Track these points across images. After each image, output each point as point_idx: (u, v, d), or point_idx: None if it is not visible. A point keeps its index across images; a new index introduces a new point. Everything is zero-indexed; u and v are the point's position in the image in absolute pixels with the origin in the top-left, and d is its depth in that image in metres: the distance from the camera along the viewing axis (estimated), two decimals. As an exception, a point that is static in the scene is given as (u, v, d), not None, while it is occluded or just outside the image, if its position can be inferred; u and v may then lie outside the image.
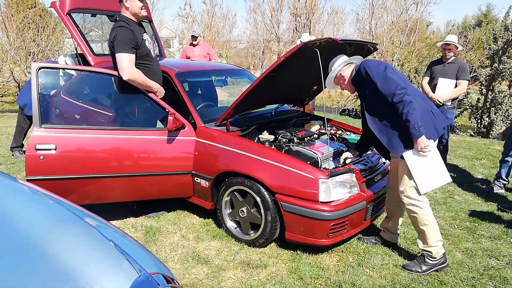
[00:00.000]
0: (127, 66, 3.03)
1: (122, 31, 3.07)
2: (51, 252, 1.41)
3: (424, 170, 2.59)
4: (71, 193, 3.04)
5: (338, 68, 2.78)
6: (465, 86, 4.60)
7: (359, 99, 2.88)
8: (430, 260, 2.71)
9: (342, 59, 2.80)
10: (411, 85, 2.63)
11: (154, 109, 3.33)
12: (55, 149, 2.93)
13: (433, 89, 4.67)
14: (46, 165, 2.92)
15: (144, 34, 3.28)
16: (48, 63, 4.66)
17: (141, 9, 3.19)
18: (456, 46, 4.56)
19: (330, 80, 2.86)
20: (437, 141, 2.69)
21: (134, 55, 3.09)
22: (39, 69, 2.94)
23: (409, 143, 2.57)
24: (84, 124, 3.33)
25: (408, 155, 2.59)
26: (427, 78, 4.85)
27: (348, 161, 3.05)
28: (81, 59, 4.24)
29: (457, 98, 4.73)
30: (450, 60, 4.62)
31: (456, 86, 4.56)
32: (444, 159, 4.89)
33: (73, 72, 3.70)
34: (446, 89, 4.56)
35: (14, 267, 1.30)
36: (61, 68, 3.45)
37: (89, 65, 3.99)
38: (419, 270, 2.71)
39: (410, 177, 2.62)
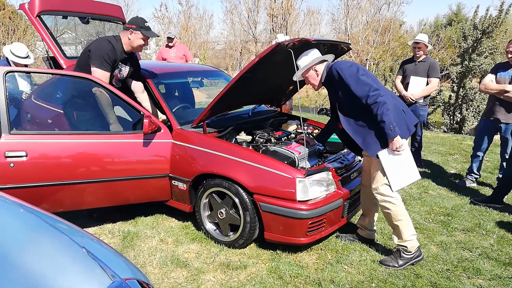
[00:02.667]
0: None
1: (104, 45, 3.12)
2: (21, 261, 1.37)
3: (397, 168, 2.66)
4: (44, 201, 2.95)
5: (312, 62, 2.78)
6: (436, 83, 4.73)
7: (329, 99, 2.91)
8: (406, 254, 2.77)
9: (316, 53, 2.81)
10: (382, 85, 2.69)
11: (129, 112, 3.28)
12: (26, 155, 2.84)
13: (406, 87, 4.79)
14: (17, 173, 2.82)
15: (124, 66, 3.30)
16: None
17: (138, 47, 3.23)
18: (425, 45, 4.68)
19: (301, 71, 2.84)
20: (409, 139, 2.76)
21: (108, 73, 3.13)
22: (6, 73, 2.84)
23: (384, 143, 2.62)
24: (56, 129, 3.24)
25: (383, 154, 2.64)
26: (400, 77, 4.96)
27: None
28: (53, 62, 4.14)
29: (429, 95, 4.86)
30: (421, 59, 4.75)
31: (427, 84, 4.68)
32: (418, 155, 5.02)
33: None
34: (417, 87, 4.68)
35: (-19, 279, 1.26)
36: (30, 72, 3.35)
37: (61, 68, 3.90)
38: (396, 265, 2.76)
39: (384, 174, 2.68)
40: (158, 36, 3.35)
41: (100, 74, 3.07)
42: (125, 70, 3.32)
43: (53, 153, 2.96)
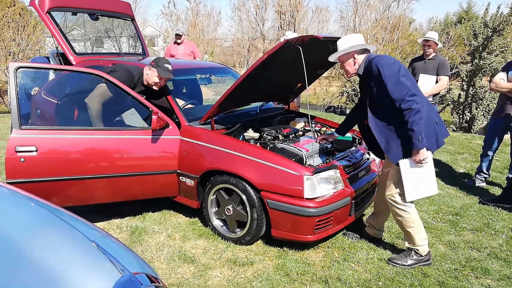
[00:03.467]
0: (96, 95, 3.10)
1: (125, 71, 3.25)
2: (31, 254, 1.39)
3: (416, 181, 2.56)
4: (53, 195, 2.99)
5: (354, 48, 2.59)
6: (446, 81, 4.67)
7: (360, 91, 2.73)
8: (416, 255, 2.75)
9: (361, 40, 2.62)
10: (420, 92, 2.55)
11: (138, 108, 3.30)
12: (36, 150, 2.87)
13: (415, 85, 4.74)
14: (27, 167, 2.86)
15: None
16: (32, 61, 4.59)
17: (153, 84, 3.29)
18: (435, 42, 4.63)
19: (339, 53, 2.64)
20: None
21: (111, 94, 3.15)
22: (17, 69, 2.87)
23: (408, 152, 2.51)
24: (65, 125, 3.27)
25: (404, 163, 2.54)
26: (409, 75, 4.91)
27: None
28: (62, 58, 4.17)
29: (438, 93, 4.81)
30: (430, 57, 4.70)
31: (437, 82, 4.64)
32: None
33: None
34: (427, 85, 4.63)
35: (-7, 271, 1.28)
36: (40, 68, 3.39)
37: (71, 64, 3.94)
38: (405, 264, 2.74)
39: (400, 184, 2.59)
40: (174, 79, 3.40)
41: (104, 88, 3.12)
42: None
43: (62, 148, 2.99)
